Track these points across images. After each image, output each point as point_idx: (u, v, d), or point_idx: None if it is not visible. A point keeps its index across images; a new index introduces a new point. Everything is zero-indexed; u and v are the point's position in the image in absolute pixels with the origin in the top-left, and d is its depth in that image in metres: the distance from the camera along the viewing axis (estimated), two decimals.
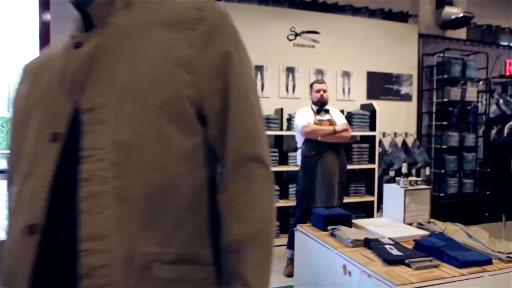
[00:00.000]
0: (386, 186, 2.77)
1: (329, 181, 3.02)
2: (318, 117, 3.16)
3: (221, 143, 0.64)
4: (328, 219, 2.45)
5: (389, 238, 2.13)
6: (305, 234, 2.48)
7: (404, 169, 2.64)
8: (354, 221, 2.59)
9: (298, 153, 3.20)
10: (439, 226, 2.37)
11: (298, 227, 2.61)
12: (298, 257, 2.62)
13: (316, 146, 3.05)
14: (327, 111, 3.21)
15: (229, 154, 0.63)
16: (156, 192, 0.58)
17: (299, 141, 3.19)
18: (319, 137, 3.03)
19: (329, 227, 2.36)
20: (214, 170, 0.65)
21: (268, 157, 0.66)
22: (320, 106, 3.19)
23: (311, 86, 3.28)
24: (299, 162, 3.18)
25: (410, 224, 2.51)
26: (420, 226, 2.46)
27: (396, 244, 2.04)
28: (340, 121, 3.15)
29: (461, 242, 2.07)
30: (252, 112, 0.66)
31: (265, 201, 0.64)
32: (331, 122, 3.12)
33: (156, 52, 0.61)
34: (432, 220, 2.59)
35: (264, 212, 0.63)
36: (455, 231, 2.28)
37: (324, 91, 3.19)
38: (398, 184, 2.70)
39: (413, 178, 2.72)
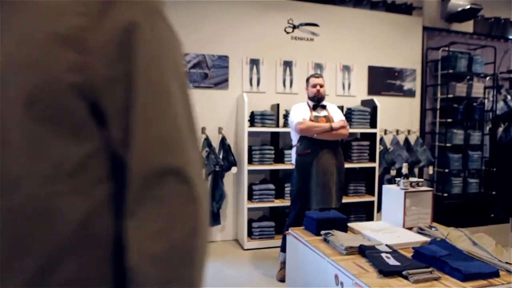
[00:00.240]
0: (385, 188, 2.60)
1: (325, 181, 2.84)
2: (314, 113, 2.98)
3: (127, 150, 0.47)
4: (321, 223, 2.28)
5: (386, 245, 1.97)
6: (296, 238, 2.31)
7: (405, 170, 2.46)
8: (350, 224, 2.42)
9: (293, 151, 3.03)
10: (441, 231, 2.19)
11: (290, 230, 2.44)
12: (290, 262, 2.46)
13: (312, 144, 2.88)
14: (324, 107, 3.03)
15: (136, 166, 0.46)
16: (20, 220, 0.42)
17: (294, 138, 3.02)
18: (315, 135, 2.85)
19: (322, 232, 2.20)
20: (123, 187, 0.48)
21: (195, 168, 0.48)
22: (317, 101, 3.01)
23: (307, 80, 3.10)
24: (294, 160, 3.01)
25: (410, 229, 2.34)
26: (420, 231, 2.28)
27: (394, 252, 1.88)
28: (338, 118, 2.97)
29: (465, 251, 1.90)
30: (170, 107, 0.48)
31: (183, 231, 0.46)
32: (328, 119, 2.95)
33: (34, 24, 0.44)
34: (434, 224, 2.42)
35: (180, 247, 0.46)
36: (459, 237, 2.10)
37: (321, 86, 3.01)
38: (398, 185, 2.52)
39: (414, 179, 2.54)
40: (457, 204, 4.53)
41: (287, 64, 4.14)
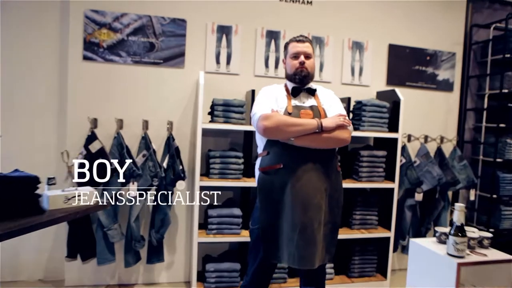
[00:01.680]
0: (414, 245, 1.35)
1: (306, 222, 1.61)
2: (294, 102, 1.76)
3: None
4: None
5: None
6: None
7: (460, 217, 1.21)
8: None
9: (256, 165, 1.80)
10: None
11: None
12: None
13: (286, 154, 1.65)
14: (311, 93, 1.80)
15: None
16: None
17: (260, 143, 1.80)
18: (292, 139, 1.63)
19: None
20: None
21: None
22: (299, 82, 1.78)
23: (285, 47, 1.87)
24: (257, 179, 1.78)
25: None
26: None
27: None
28: (334, 111, 1.74)
29: None
30: None
31: None
32: (316, 112, 1.72)
33: None
34: None
35: None
36: None
37: (307, 57, 1.78)
38: (441, 242, 1.28)
39: (475, 234, 1.30)
40: (507, 244, 3.23)
41: (272, 36, 2.92)
